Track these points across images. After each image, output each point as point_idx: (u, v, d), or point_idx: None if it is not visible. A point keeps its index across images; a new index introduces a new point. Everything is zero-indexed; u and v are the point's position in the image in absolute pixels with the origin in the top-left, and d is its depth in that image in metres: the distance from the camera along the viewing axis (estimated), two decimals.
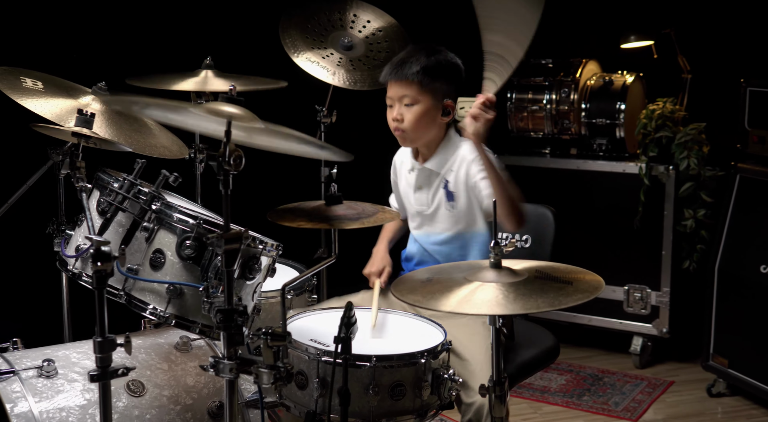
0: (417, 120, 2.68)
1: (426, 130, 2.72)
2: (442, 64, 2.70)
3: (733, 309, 3.76)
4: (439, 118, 2.71)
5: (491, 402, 2.07)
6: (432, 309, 1.91)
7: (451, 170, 2.72)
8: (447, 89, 2.70)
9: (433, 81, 2.67)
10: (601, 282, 1.98)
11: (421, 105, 2.68)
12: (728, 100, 3.93)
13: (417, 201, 2.80)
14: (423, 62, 2.66)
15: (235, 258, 1.94)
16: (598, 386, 4.01)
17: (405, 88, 2.67)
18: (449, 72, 2.72)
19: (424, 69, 2.66)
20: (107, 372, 1.88)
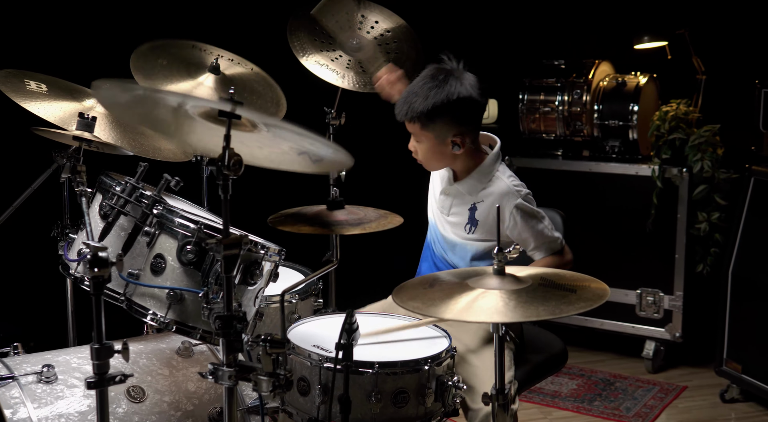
0: (426, 155, 2.67)
1: (440, 161, 2.69)
2: (438, 106, 2.58)
3: (747, 314, 3.71)
4: (450, 151, 2.64)
5: (494, 411, 2.04)
6: (432, 316, 1.88)
7: (483, 200, 2.66)
8: (450, 126, 2.61)
9: (432, 122, 2.60)
10: (606, 291, 1.94)
11: (425, 143, 2.65)
12: (743, 102, 3.89)
13: (440, 203, 2.76)
14: (419, 105, 2.58)
15: (235, 264, 1.92)
16: (609, 391, 3.96)
17: (410, 126, 2.65)
18: (451, 110, 2.60)
19: (421, 113, 2.59)
20: (104, 379, 1.86)
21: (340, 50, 3.32)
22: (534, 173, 4.34)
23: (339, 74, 3.22)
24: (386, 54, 3.26)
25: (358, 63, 3.30)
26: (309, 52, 3.26)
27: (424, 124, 2.60)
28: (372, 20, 3.44)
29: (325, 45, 3.32)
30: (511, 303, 1.84)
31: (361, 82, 3.22)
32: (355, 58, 3.31)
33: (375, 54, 3.04)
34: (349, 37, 3.35)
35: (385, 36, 3.42)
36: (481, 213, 2.67)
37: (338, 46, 3.33)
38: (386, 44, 3.41)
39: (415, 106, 2.59)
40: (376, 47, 3.09)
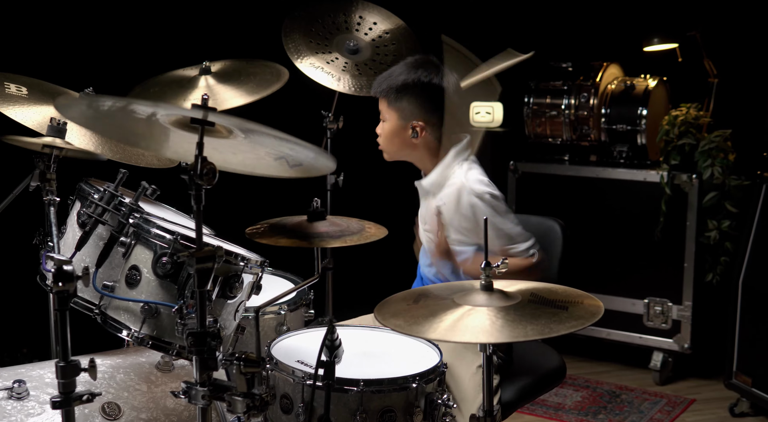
0: (386, 137, 2.64)
1: (397, 148, 2.64)
2: (410, 84, 2.57)
3: (758, 325, 3.60)
4: (409, 138, 2.59)
5: None
6: (415, 335, 1.78)
7: (444, 203, 2.55)
8: (414, 109, 2.57)
9: (398, 100, 2.58)
10: (600, 308, 1.83)
11: (388, 123, 2.62)
12: (756, 106, 3.81)
13: (420, 211, 2.68)
14: (392, 81, 2.59)
15: (209, 278, 1.83)
16: (615, 403, 3.85)
17: (380, 103, 2.64)
18: (419, 92, 2.57)
19: (390, 88, 2.59)
20: (71, 398, 1.78)
21: (336, 52, 3.23)
22: (540, 179, 4.24)
23: (335, 77, 3.13)
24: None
25: (355, 65, 3.21)
26: (304, 54, 3.17)
27: (391, 101, 2.59)
28: (370, 21, 3.35)
29: (321, 47, 3.23)
30: (498, 322, 1.74)
31: (357, 86, 3.13)
32: (352, 60, 3.23)
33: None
34: (346, 39, 3.27)
35: (384, 38, 3.34)
36: (446, 216, 2.54)
37: (334, 47, 3.25)
38: (384, 46, 3.32)
39: (389, 80, 2.59)
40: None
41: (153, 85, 3.02)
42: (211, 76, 3.05)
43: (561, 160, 4.29)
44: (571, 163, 4.25)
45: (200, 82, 3.04)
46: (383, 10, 3.37)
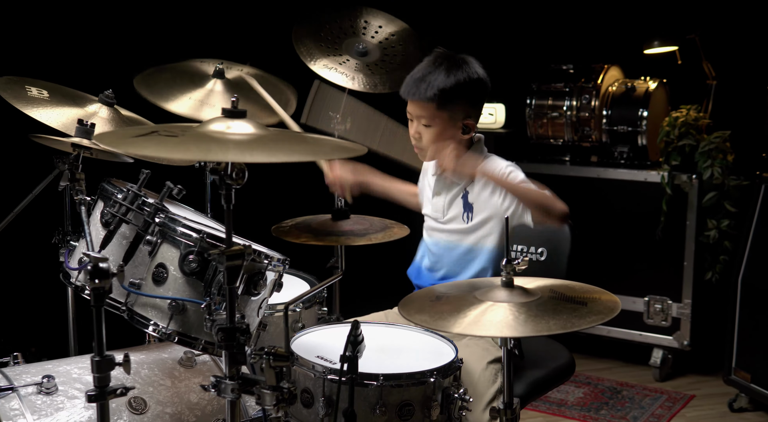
0: (435, 139, 2.56)
1: (444, 147, 2.59)
2: (461, 84, 2.52)
3: (757, 323, 3.67)
4: (459, 135, 2.57)
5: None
6: (440, 330, 1.84)
7: (473, 183, 2.60)
8: (466, 109, 2.55)
9: (451, 102, 2.52)
10: (618, 304, 1.89)
11: (437, 127, 2.54)
12: (754, 108, 3.87)
13: (433, 207, 2.71)
14: (441, 83, 2.50)
15: (238, 275, 1.89)
16: (616, 399, 3.92)
17: (421, 108, 2.54)
18: (469, 91, 2.54)
19: (442, 91, 2.50)
20: (105, 392, 1.83)
21: (347, 55, 3.29)
22: (541, 179, 4.21)
23: (348, 76, 3.18)
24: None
25: (366, 66, 3.27)
26: (316, 57, 3.23)
27: (440, 103, 2.50)
28: (375, 25, 3.41)
29: (332, 50, 3.29)
30: (521, 317, 1.80)
31: (371, 84, 3.19)
32: (363, 62, 3.29)
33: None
34: (355, 43, 3.33)
35: (390, 40, 3.40)
36: (474, 196, 2.59)
37: (344, 50, 3.31)
38: (391, 47, 3.38)
39: (436, 83, 2.49)
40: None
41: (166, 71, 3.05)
42: (222, 82, 3.10)
43: (563, 161, 4.36)
44: (573, 164, 4.32)
45: (209, 84, 3.10)
46: (386, 15, 3.43)
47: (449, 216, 2.65)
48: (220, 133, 1.83)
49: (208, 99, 2.90)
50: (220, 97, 2.98)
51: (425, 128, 2.56)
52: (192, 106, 2.85)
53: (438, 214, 2.68)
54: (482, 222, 2.61)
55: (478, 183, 2.59)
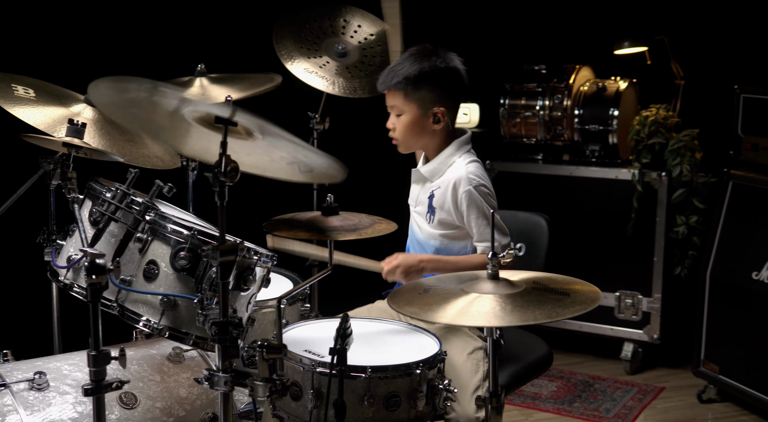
0: (405, 130, 2.67)
1: (418, 138, 2.70)
2: (426, 72, 2.63)
3: (725, 316, 3.77)
4: (430, 125, 2.67)
5: (488, 414, 2.06)
6: (429, 321, 1.90)
7: (439, 187, 2.69)
8: (434, 96, 2.65)
9: (417, 90, 2.63)
10: (599, 294, 1.97)
11: (407, 115, 2.65)
12: (721, 107, 3.95)
13: (411, 193, 2.81)
14: (406, 71, 2.62)
15: (231, 270, 1.93)
16: (589, 392, 4.01)
17: (392, 97, 2.67)
18: (436, 78, 2.64)
19: (407, 79, 2.62)
20: (101, 385, 1.86)
21: (327, 56, 3.33)
22: (515, 177, 4.38)
23: (328, 81, 3.23)
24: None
25: (345, 68, 3.32)
26: (296, 58, 3.27)
27: (408, 92, 2.62)
28: (354, 25, 3.46)
29: (312, 51, 3.33)
30: (507, 307, 1.87)
31: (350, 88, 3.24)
32: (342, 63, 3.33)
33: None
34: (335, 43, 3.37)
35: (369, 40, 3.44)
36: (437, 200, 2.68)
37: (324, 51, 3.35)
38: (371, 47, 3.43)
39: (402, 71, 2.61)
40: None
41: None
42: (206, 78, 3.15)
43: (535, 160, 4.43)
44: (545, 162, 4.40)
45: (195, 82, 3.15)
46: (366, 14, 3.48)
47: (417, 209, 2.76)
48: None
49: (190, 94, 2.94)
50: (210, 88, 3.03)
51: (398, 118, 2.67)
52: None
53: (412, 202, 2.79)
54: (443, 227, 2.68)
55: (441, 188, 2.67)
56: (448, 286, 2.04)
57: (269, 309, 2.70)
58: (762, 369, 3.59)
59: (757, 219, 3.65)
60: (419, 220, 2.75)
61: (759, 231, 3.64)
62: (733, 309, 3.72)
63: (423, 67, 2.62)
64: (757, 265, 3.60)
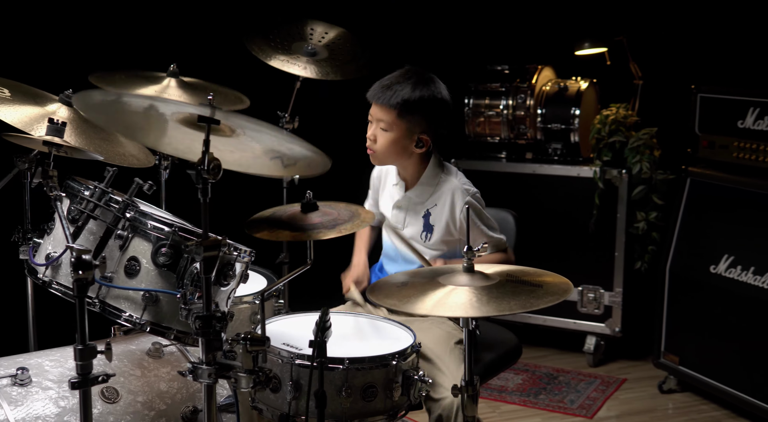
0: (388, 145, 2.72)
1: (396, 156, 2.76)
2: (424, 100, 2.69)
3: (684, 309, 3.89)
4: (412, 148, 2.74)
5: (464, 402, 2.13)
6: (408, 312, 1.96)
7: (435, 204, 2.77)
8: (424, 124, 2.72)
9: (411, 114, 2.69)
10: (570, 285, 2.05)
11: (394, 132, 2.71)
12: (679, 106, 4.05)
13: (393, 217, 2.86)
14: (406, 94, 2.67)
15: (214, 265, 1.97)
16: (553, 385, 4.11)
17: (383, 112, 2.70)
18: (431, 108, 2.72)
19: (405, 101, 2.67)
20: (88, 379, 1.90)
21: (297, 54, 3.39)
22: (479, 175, 4.41)
23: (301, 67, 3.29)
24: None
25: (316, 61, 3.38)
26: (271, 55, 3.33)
27: (401, 113, 2.68)
28: (321, 32, 3.52)
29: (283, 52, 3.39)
30: (483, 299, 1.94)
31: (323, 72, 3.30)
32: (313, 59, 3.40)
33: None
34: (303, 45, 3.43)
35: (337, 43, 3.50)
36: (435, 218, 2.77)
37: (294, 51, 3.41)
38: (339, 48, 3.49)
39: (402, 93, 2.66)
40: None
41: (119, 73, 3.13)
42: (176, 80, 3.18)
43: (499, 158, 4.52)
44: (509, 161, 4.49)
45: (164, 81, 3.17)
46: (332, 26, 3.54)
47: (407, 232, 2.81)
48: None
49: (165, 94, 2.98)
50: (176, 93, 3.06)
51: (382, 132, 2.72)
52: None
53: (399, 225, 2.84)
54: (441, 244, 2.78)
55: (438, 205, 2.76)
56: (423, 280, 2.11)
57: (245, 305, 2.75)
58: (720, 360, 3.72)
59: (714, 214, 3.77)
60: (411, 239, 2.79)
61: (716, 226, 3.76)
62: (692, 302, 3.84)
63: (423, 94, 2.68)
64: (714, 259, 3.72)
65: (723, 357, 3.70)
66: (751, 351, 3.57)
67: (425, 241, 2.77)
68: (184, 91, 3.13)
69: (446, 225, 2.74)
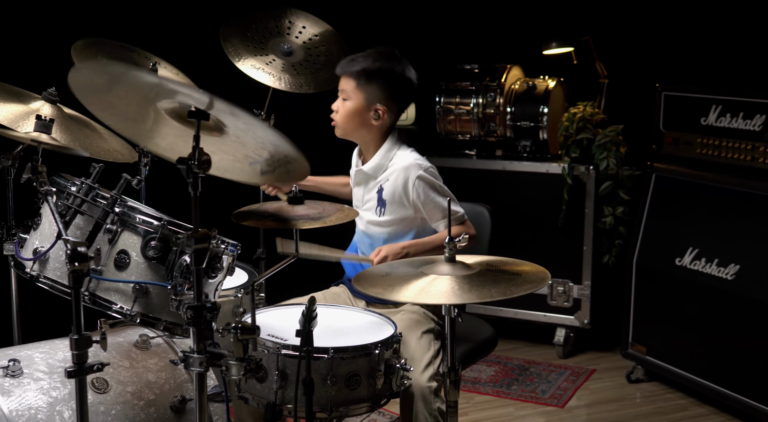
0: (347, 115, 2.84)
1: (355, 126, 2.86)
2: (383, 71, 2.81)
3: (651, 300, 4.00)
4: (370, 119, 2.84)
5: (446, 388, 2.21)
6: (393, 300, 2.04)
7: (387, 179, 2.86)
8: (382, 95, 2.82)
9: (368, 83, 2.81)
10: (547, 274, 2.14)
11: (352, 102, 2.83)
12: (644, 104, 4.16)
13: (355, 196, 2.96)
14: (366, 64, 2.81)
15: (205, 257, 2.03)
16: (525, 375, 4.21)
17: (345, 82, 2.84)
18: (389, 80, 2.83)
19: (364, 70, 2.80)
20: (84, 368, 1.95)
21: (273, 54, 3.45)
22: (450, 172, 4.44)
23: (275, 77, 3.34)
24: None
25: (291, 66, 3.44)
26: (244, 56, 3.38)
27: (360, 82, 2.80)
28: (299, 26, 3.57)
29: (258, 50, 3.44)
30: (465, 286, 2.02)
31: (296, 84, 3.36)
32: (288, 61, 3.45)
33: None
34: (280, 43, 3.49)
35: (314, 40, 3.57)
36: (387, 192, 2.85)
37: (270, 50, 3.46)
38: (315, 47, 3.55)
39: (363, 63, 2.80)
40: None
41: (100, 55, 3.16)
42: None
43: (470, 155, 4.60)
44: (479, 158, 4.58)
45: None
46: (310, 16, 3.61)
47: (365, 207, 2.90)
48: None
49: None
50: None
51: (343, 102, 2.84)
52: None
53: (358, 203, 2.92)
54: (394, 220, 2.86)
55: (390, 181, 2.84)
56: (408, 269, 2.19)
57: (227, 298, 2.81)
58: (686, 349, 3.84)
59: (678, 208, 3.90)
60: (368, 216, 2.89)
61: (681, 219, 3.88)
62: (658, 293, 3.96)
63: (382, 65, 2.80)
64: (679, 252, 3.85)
65: (688, 347, 3.82)
66: (715, 340, 3.70)
67: (379, 216, 2.86)
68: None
69: (399, 200, 2.82)
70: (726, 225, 3.69)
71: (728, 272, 3.64)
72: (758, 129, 3.59)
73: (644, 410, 3.86)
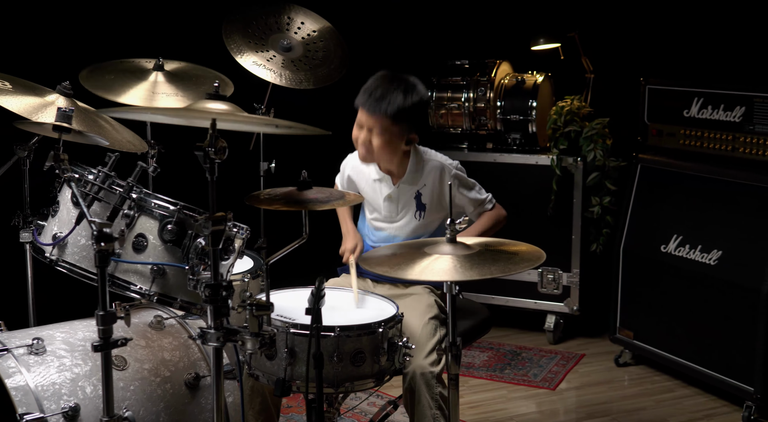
0: (384, 147, 2.95)
1: (391, 155, 3.00)
2: (415, 105, 2.95)
3: (637, 286, 4.14)
4: (403, 146, 2.98)
5: (448, 361, 2.35)
6: (399, 277, 2.18)
7: (424, 184, 3.03)
8: (414, 125, 2.98)
9: (403, 120, 2.93)
10: (542, 253, 2.28)
11: (385, 137, 2.93)
12: (629, 97, 4.29)
13: (386, 209, 3.09)
14: (399, 103, 2.90)
15: (221, 238, 2.16)
16: (517, 360, 4.35)
17: (378, 121, 2.92)
18: (419, 111, 3.01)
19: (400, 110, 2.90)
20: (109, 342, 2.07)
21: (273, 50, 3.57)
22: None
23: (276, 73, 3.47)
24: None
25: (291, 62, 3.56)
26: (245, 52, 3.50)
27: (396, 119, 2.91)
28: (298, 21, 3.70)
29: (259, 46, 3.56)
30: (466, 265, 2.16)
31: (296, 80, 3.49)
32: (288, 57, 3.58)
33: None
34: (280, 39, 3.61)
35: (312, 36, 3.70)
36: (426, 196, 3.02)
37: (270, 46, 3.59)
38: (313, 43, 3.68)
39: (396, 103, 2.89)
40: None
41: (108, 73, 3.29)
42: (162, 74, 3.34)
43: (461, 148, 4.73)
44: (471, 150, 4.71)
45: (151, 76, 3.34)
46: (309, 12, 3.73)
47: (401, 216, 3.06)
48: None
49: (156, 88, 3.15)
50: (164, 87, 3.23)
51: (377, 136, 2.94)
52: (144, 97, 3.09)
53: (391, 215, 3.08)
54: (432, 218, 3.05)
55: (428, 184, 3.02)
56: (411, 250, 2.33)
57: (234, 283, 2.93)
58: (671, 333, 3.98)
59: (663, 197, 4.04)
60: (407, 223, 3.05)
61: (665, 208, 4.02)
62: (644, 279, 4.10)
63: (414, 100, 2.94)
64: (665, 239, 3.99)
65: (674, 330, 3.96)
66: (698, 324, 3.84)
67: (419, 219, 3.03)
68: (172, 84, 3.30)
69: (438, 201, 3.02)
70: (708, 212, 3.82)
71: (711, 257, 3.78)
72: (738, 120, 3.73)
73: (632, 392, 4.00)
